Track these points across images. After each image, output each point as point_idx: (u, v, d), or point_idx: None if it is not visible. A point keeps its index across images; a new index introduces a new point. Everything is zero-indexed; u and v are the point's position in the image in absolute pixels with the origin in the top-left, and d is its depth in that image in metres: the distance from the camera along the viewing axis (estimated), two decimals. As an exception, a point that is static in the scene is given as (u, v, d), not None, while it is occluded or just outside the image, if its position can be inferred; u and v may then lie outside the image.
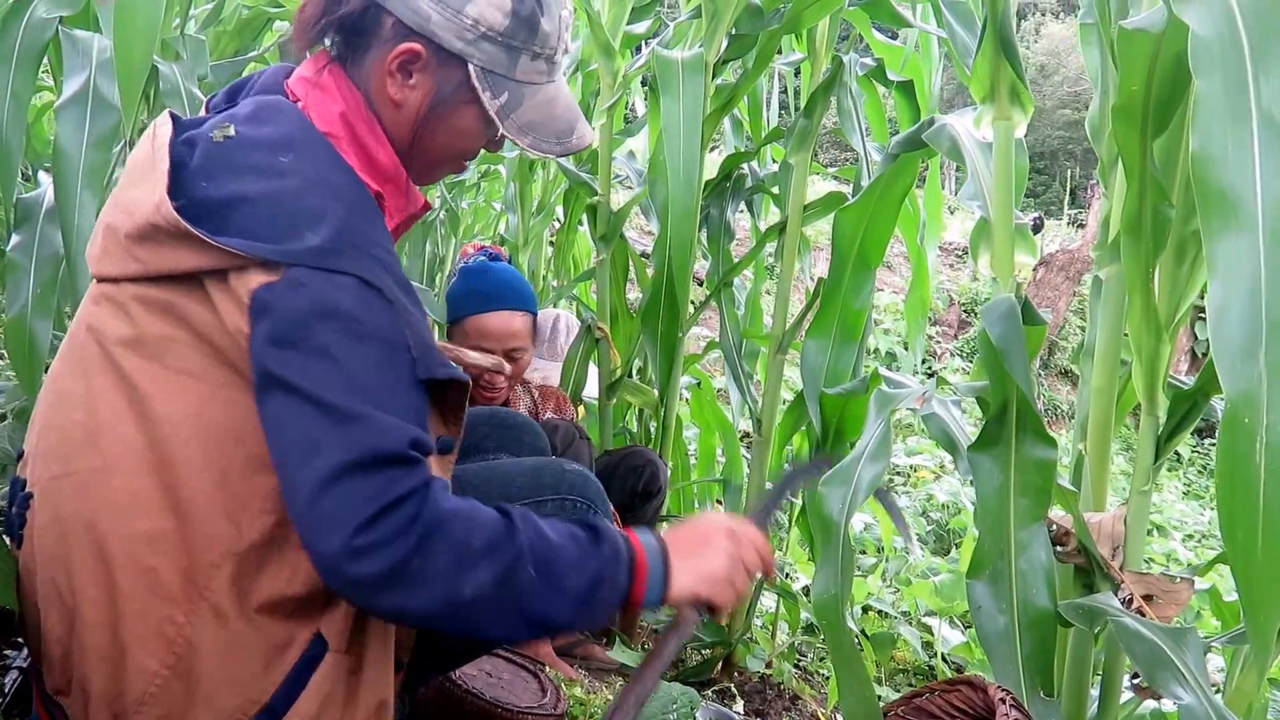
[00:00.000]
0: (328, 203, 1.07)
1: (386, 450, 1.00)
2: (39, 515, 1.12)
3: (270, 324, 1.02)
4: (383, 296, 1.05)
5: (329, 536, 0.98)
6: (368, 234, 1.08)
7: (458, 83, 1.19)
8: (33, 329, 1.76)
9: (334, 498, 0.98)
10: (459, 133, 1.23)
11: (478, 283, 2.27)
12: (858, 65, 2.56)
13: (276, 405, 1.02)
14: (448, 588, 1.01)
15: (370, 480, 0.99)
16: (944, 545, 4.93)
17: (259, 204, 1.05)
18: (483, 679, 1.84)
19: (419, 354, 1.05)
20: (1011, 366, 1.42)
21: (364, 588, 1.00)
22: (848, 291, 2.25)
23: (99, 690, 1.07)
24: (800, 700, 2.61)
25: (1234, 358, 0.89)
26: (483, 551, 1.02)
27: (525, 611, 1.05)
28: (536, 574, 1.04)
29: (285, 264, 1.02)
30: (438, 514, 1.01)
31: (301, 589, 1.08)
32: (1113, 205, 1.49)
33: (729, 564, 1.18)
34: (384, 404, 1.02)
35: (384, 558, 0.98)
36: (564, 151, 1.27)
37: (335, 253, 1.03)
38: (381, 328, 1.04)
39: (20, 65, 1.78)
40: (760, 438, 2.64)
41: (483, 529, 1.04)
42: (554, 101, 1.25)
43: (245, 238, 1.03)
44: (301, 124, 1.14)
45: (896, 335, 8.48)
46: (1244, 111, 0.95)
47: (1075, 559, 1.48)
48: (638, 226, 7.76)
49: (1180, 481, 7.83)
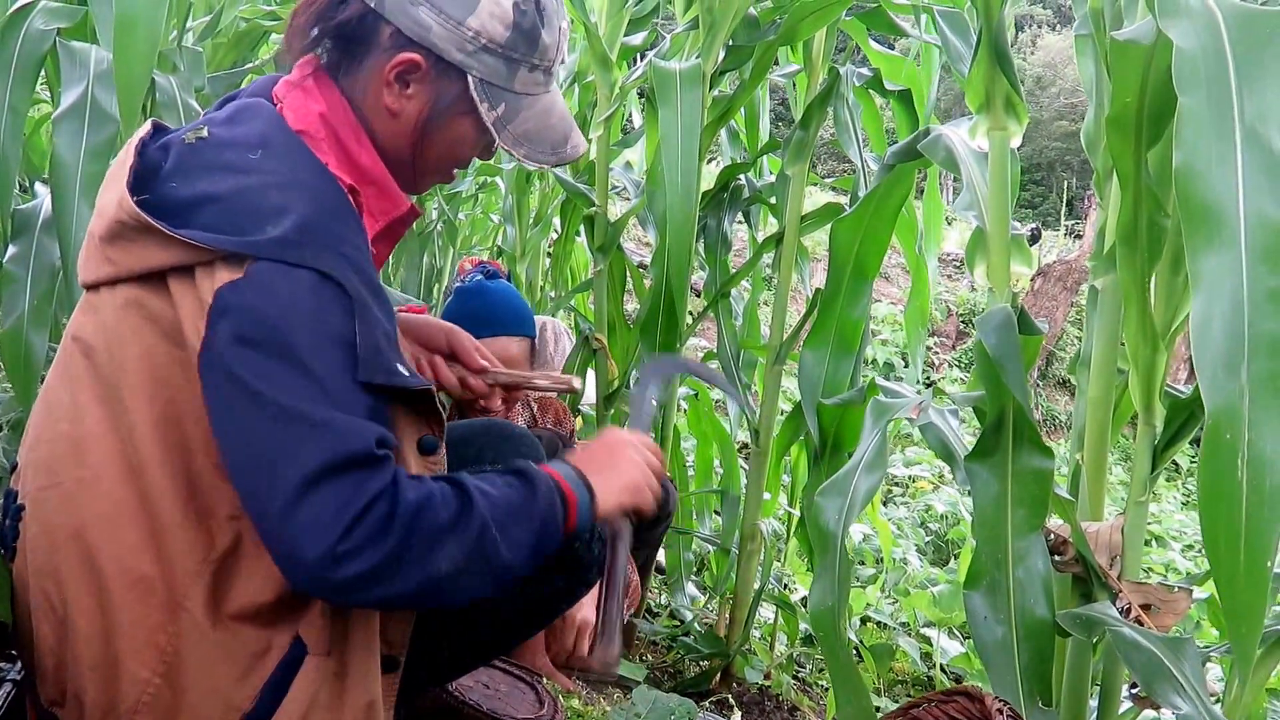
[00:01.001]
0: (292, 199, 1.06)
1: (354, 452, 1.01)
2: (30, 527, 1.12)
3: (231, 323, 1.01)
4: (342, 291, 1.04)
5: (310, 546, 0.98)
6: (334, 230, 1.07)
7: (456, 94, 1.19)
8: (29, 340, 1.76)
9: (310, 506, 0.98)
10: (454, 143, 1.23)
11: (474, 306, 2.22)
12: (854, 76, 2.57)
13: (238, 411, 1.01)
14: (426, 569, 1.03)
15: (343, 485, 0.99)
16: (943, 556, 4.92)
17: (224, 201, 1.06)
18: (480, 690, 1.83)
19: (365, 355, 1.04)
20: (1007, 377, 1.42)
21: (349, 588, 1.01)
22: (845, 302, 2.25)
23: (93, 700, 1.07)
24: (799, 711, 2.60)
25: (1216, 373, 0.90)
26: (449, 528, 1.05)
27: (493, 570, 1.09)
28: (499, 534, 1.08)
29: (247, 258, 1.02)
30: (408, 506, 1.02)
31: (275, 594, 1.08)
32: (1108, 216, 1.49)
33: (639, 471, 1.25)
34: (344, 404, 1.02)
35: (367, 558, 0.99)
36: (558, 161, 1.27)
37: (295, 245, 1.03)
38: (339, 325, 1.04)
39: (18, 77, 1.78)
40: (758, 448, 2.64)
41: (445, 507, 1.06)
42: (549, 112, 1.25)
43: (209, 232, 1.03)
44: (275, 123, 1.14)
45: (894, 346, 8.48)
46: (1228, 127, 0.95)
47: (1073, 568, 1.47)
48: (635, 238, 7.77)
49: (1179, 492, 7.81)
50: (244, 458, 1.02)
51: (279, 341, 1.01)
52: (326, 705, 1.09)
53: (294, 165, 1.11)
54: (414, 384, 1.10)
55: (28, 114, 1.90)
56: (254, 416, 1.00)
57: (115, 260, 1.08)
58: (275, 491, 0.99)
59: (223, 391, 1.02)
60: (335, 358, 1.03)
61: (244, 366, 1.00)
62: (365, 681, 1.13)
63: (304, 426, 1.00)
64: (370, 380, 1.05)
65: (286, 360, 1.01)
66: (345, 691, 1.11)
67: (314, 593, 1.05)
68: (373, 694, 1.13)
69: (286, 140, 1.13)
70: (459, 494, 1.08)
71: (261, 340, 1.01)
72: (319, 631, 1.09)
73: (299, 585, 1.03)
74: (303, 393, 1.00)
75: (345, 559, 0.98)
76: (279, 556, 1.02)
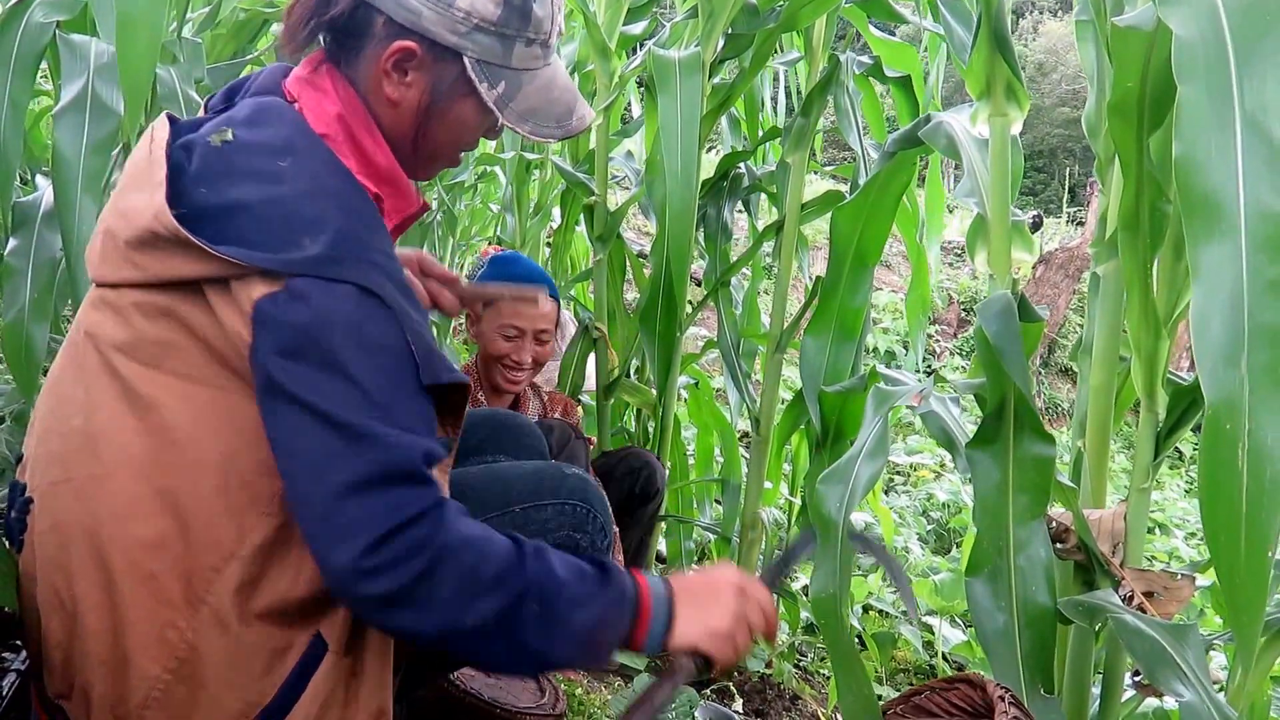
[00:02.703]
0: (326, 210, 1.06)
1: (397, 467, 1.00)
2: (39, 521, 1.12)
3: (274, 336, 1.01)
4: (383, 303, 1.04)
5: (338, 553, 0.98)
6: (366, 239, 1.07)
7: (454, 77, 1.19)
8: (30, 333, 1.76)
9: (345, 514, 0.98)
10: (458, 126, 1.23)
11: (510, 268, 2.34)
12: (855, 64, 2.56)
13: (284, 417, 1.02)
14: (450, 615, 1.01)
15: (381, 499, 0.99)
16: (944, 544, 4.92)
17: (257, 211, 1.05)
18: (481, 680, 1.83)
19: (422, 359, 1.04)
20: (1008, 363, 1.42)
21: (368, 606, 1.01)
22: (846, 289, 2.25)
23: (101, 695, 1.07)
24: (800, 700, 2.60)
25: (1216, 364, 0.90)
26: (490, 583, 1.02)
27: (525, 646, 1.04)
28: (541, 610, 1.03)
29: (286, 274, 1.02)
30: (449, 539, 1.01)
31: (304, 592, 1.08)
32: (1110, 202, 1.49)
33: (734, 621, 1.14)
34: (391, 416, 1.02)
35: (389, 580, 0.98)
36: (565, 135, 1.27)
37: (334, 261, 1.03)
38: (384, 335, 1.04)
39: (17, 70, 1.77)
40: (759, 437, 2.64)
41: (492, 560, 1.03)
42: (551, 85, 1.24)
43: (244, 246, 1.02)
44: (299, 126, 1.13)
45: (896, 334, 8.47)
46: (1228, 116, 0.95)
47: (1075, 556, 1.48)
48: (635, 227, 7.75)
49: (1182, 480, 7.81)
50: (292, 464, 1.02)
51: (323, 354, 1.01)
52: (341, 703, 1.10)
53: (323, 173, 1.10)
54: (462, 380, 1.10)
55: (28, 107, 1.89)
56: (303, 423, 1.00)
57: (143, 266, 1.07)
58: (317, 496, 1.00)
59: (271, 400, 1.02)
60: (381, 367, 1.03)
61: (289, 378, 1.00)
62: (379, 685, 1.13)
63: (349, 435, 0.99)
64: (436, 380, 1.05)
65: (331, 371, 1.01)
66: (359, 692, 1.11)
67: (340, 599, 1.05)
68: (385, 699, 1.14)
69: (312, 145, 1.12)
70: (514, 553, 1.04)
71: (306, 353, 1.01)
72: (340, 630, 1.09)
73: (335, 593, 1.04)
74: (350, 403, 1.00)
75: (370, 575, 0.98)
76: (316, 559, 1.02)
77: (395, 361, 1.04)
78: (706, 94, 2.45)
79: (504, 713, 1.75)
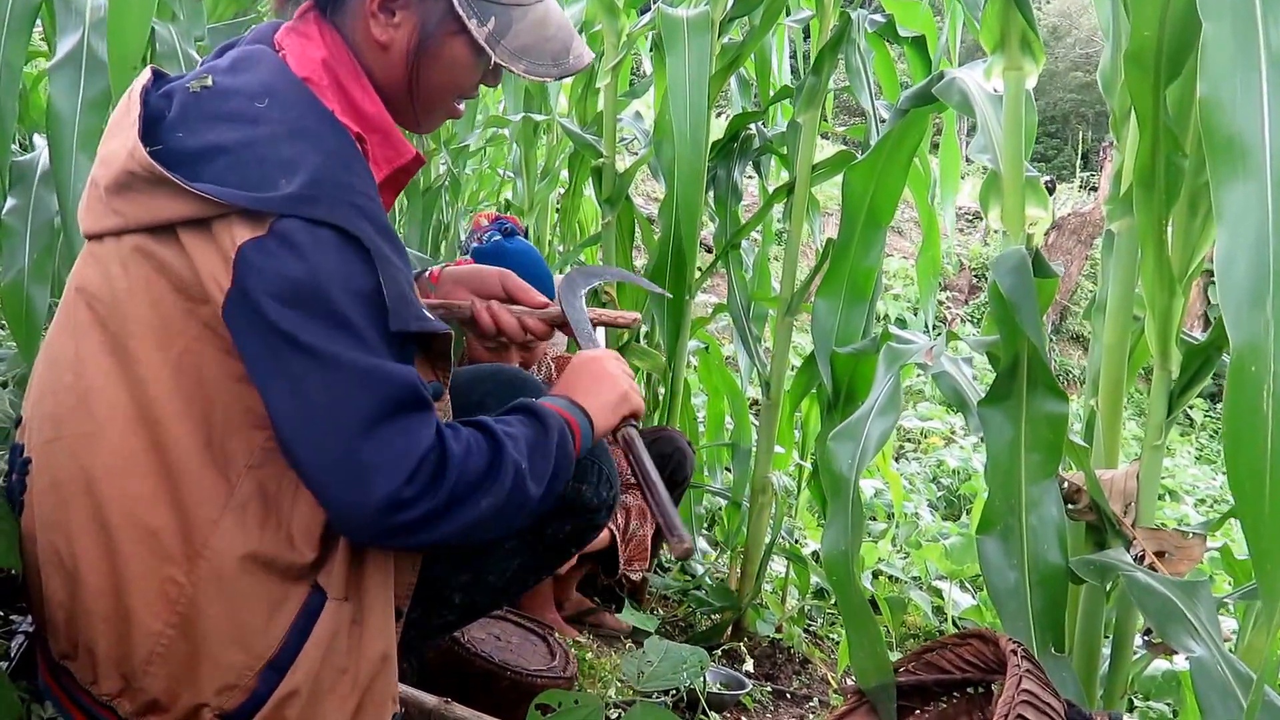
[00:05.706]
0: (303, 150, 1.05)
1: (406, 396, 1.03)
2: (37, 481, 1.11)
3: (263, 283, 1.01)
4: (360, 246, 1.04)
5: (373, 488, 1.01)
6: (346, 181, 1.06)
7: (442, 13, 1.17)
8: (29, 294, 1.74)
9: (372, 451, 1.01)
10: (451, 67, 1.21)
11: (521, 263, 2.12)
12: (867, 22, 2.52)
13: (284, 363, 1.01)
14: (471, 513, 1.07)
15: (399, 431, 1.02)
16: (954, 510, 4.92)
17: (233, 152, 1.04)
18: (491, 643, 1.83)
19: (393, 305, 1.05)
20: (1023, 319, 1.40)
21: (404, 531, 1.04)
22: (858, 250, 2.22)
23: (105, 653, 1.07)
24: (810, 664, 2.61)
25: (1240, 306, 0.88)
26: (488, 473, 1.09)
27: (524, 506, 1.13)
28: (527, 471, 1.12)
29: (268, 215, 1.01)
30: (455, 455, 1.06)
31: (296, 540, 1.08)
32: (1125, 158, 1.46)
33: (621, 381, 1.30)
34: (383, 353, 1.04)
35: (426, 503, 1.03)
36: (561, 74, 1.25)
37: (312, 200, 1.02)
38: (361, 282, 1.04)
39: (12, 28, 1.74)
40: (769, 401, 2.63)
41: (481, 454, 1.09)
42: (545, 22, 1.22)
43: (220, 185, 1.02)
44: (279, 70, 1.12)
45: (907, 300, 8.45)
46: (1253, 55, 0.93)
47: (1087, 516, 1.46)
48: (644, 192, 7.71)
49: (1193, 446, 7.80)
50: (292, 408, 1.02)
51: (315, 299, 1.01)
52: (345, 651, 1.10)
53: (301, 114, 1.09)
54: (440, 328, 1.11)
55: (24, 67, 1.86)
56: (302, 367, 1.01)
57: (122, 211, 1.07)
58: (333, 439, 1.01)
59: (264, 345, 1.02)
60: (365, 312, 1.04)
61: (285, 322, 1.01)
62: (382, 630, 1.13)
63: (355, 373, 1.01)
64: (404, 328, 1.06)
65: (325, 315, 1.02)
66: (363, 638, 1.11)
67: (366, 537, 1.07)
68: (389, 644, 1.13)
69: (291, 88, 1.11)
70: (490, 440, 1.11)
71: (298, 299, 1.01)
72: (338, 577, 1.10)
73: (354, 531, 1.06)
74: (348, 343, 1.02)
75: (408, 504, 1.02)
76: (337, 503, 1.03)
77: (373, 307, 1.05)
78: (715, 54, 2.42)
79: (514, 675, 1.75)
